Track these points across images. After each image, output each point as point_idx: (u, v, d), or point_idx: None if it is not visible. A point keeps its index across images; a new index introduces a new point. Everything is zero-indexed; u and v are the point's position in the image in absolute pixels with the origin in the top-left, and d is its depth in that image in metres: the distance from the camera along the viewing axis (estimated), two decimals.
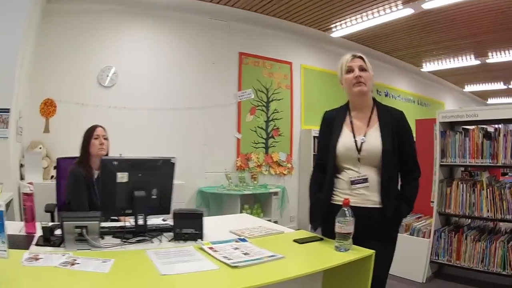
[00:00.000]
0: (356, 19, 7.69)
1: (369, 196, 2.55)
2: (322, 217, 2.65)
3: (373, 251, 2.25)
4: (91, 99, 6.02)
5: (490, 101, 16.57)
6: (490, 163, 4.69)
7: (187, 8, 6.83)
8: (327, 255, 2.26)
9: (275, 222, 7.10)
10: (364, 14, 7.42)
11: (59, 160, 4.08)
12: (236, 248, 2.23)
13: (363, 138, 2.60)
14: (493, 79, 12.84)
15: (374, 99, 2.77)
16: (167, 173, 2.75)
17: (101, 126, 3.70)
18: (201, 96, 7.01)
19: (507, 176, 7.58)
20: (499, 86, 13.61)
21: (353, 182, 2.57)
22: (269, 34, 7.96)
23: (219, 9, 7.04)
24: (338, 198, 2.60)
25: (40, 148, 5.49)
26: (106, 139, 3.66)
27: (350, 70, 2.66)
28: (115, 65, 6.23)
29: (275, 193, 7.12)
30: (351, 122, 2.71)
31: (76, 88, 5.94)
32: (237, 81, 7.48)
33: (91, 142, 3.56)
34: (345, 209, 2.27)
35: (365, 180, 2.56)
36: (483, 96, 15.98)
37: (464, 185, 4.85)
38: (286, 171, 8.01)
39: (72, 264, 1.85)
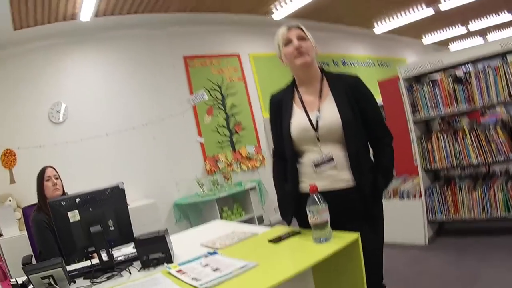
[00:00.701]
0: None
1: (339, 176, 2.35)
2: (293, 209, 2.47)
3: (357, 233, 2.07)
4: (47, 139, 6.04)
5: (452, 47, 16.58)
6: (467, 108, 4.55)
7: (122, 25, 6.79)
8: (307, 251, 2.07)
9: (260, 217, 7.18)
10: None
11: (24, 210, 4.05)
12: (206, 265, 2.10)
13: (317, 114, 2.40)
14: (450, 24, 12.83)
15: (321, 69, 2.56)
16: (119, 200, 2.66)
17: (50, 167, 3.70)
18: (155, 109, 6.98)
19: (486, 115, 7.48)
20: (458, 31, 13.68)
21: (317, 165, 2.37)
22: (210, 31, 7.93)
23: (155, 18, 6.98)
24: (306, 185, 2.40)
25: (10, 200, 5.54)
26: (57, 178, 3.66)
27: (288, 42, 2.46)
28: (64, 100, 6.25)
29: (252, 189, 7.07)
30: (300, 99, 2.51)
31: (30, 131, 5.95)
32: (187, 85, 7.44)
33: (44, 185, 3.57)
34: (314, 196, 2.08)
35: (331, 160, 2.36)
36: (445, 44, 16.03)
37: (445, 136, 4.72)
38: (259, 163, 7.99)
39: None
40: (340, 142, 2.35)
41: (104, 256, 2.46)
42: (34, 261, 3.46)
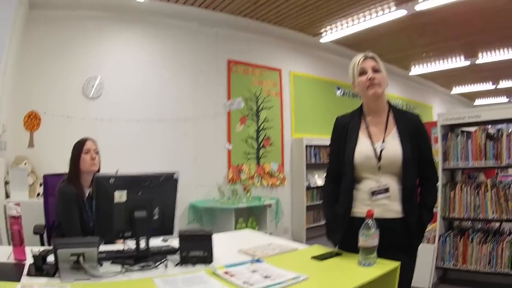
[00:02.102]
0: (347, 22, 7.88)
1: (391, 206, 2.51)
2: (342, 230, 2.58)
3: (398, 262, 2.24)
4: (76, 111, 6.01)
5: (477, 102, 17.03)
6: (493, 164, 4.84)
7: (175, 14, 6.92)
8: (353, 271, 2.19)
9: (270, 234, 7.29)
10: (356, 17, 7.59)
11: (46, 177, 3.90)
12: (254, 271, 2.11)
13: (382, 145, 2.55)
14: (481, 79, 13.22)
15: (389, 102, 2.73)
16: (170, 190, 2.67)
17: (91, 139, 3.50)
18: (190, 106, 7.13)
19: (500, 175, 7.73)
20: (487, 86, 14.04)
21: (374, 193, 2.51)
22: (258, 40, 8.15)
23: (208, 15, 7.15)
24: (359, 210, 2.55)
25: (25, 164, 5.42)
26: (97, 153, 3.47)
27: (363, 72, 2.61)
28: (101, 75, 6.27)
29: (269, 205, 7.27)
30: (367, 128, 2.66)
31: (60, 100, 5.94)
32: (226, 90, 7.63)
33: (81, 157, 3.35)
34: (369, 221, 2.22)
35: (387, 190, 2.51)
36: (470, 97, 16.44)
37: (468, 188, 4.96)
38: (279, 182, 8.19)
39: None
40: (396, 175, 2.52)
41: (142, 244, 2.43)
42: (45, 232, 3.54)
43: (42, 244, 3.47)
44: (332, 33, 8.37)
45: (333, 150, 2.84)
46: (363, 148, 2.59)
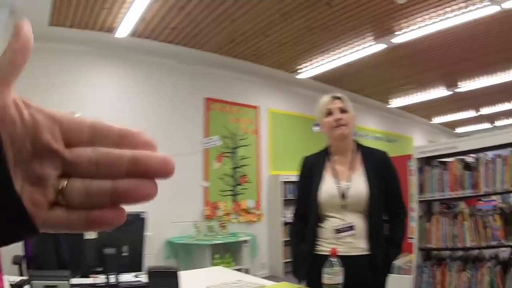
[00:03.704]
0: (323, 59, 8.48)
1: (356, 244, 2.62)
2: (306, 268, 2.71)
3: None
4: None
5: (459, 130, 17.68)
6: (471, 193, 5.06)
7: (154, 51, 7.52)
8: None
9: (247, 270, 7.82)
10: (333, 53, 8.16)
11: None
12: None
13: (347, 184, 2.69)
14: (463, 107, 13.83)
15: (356, 141, 2.90)
16: (138, 228, 2.94)
17: None
18: (167, 144, 7.49)
19: (481, 202, 7.98)
20: (469, 114, 14.70)
21: (338, 231, 2.64)
22: (236, 77, 8.81)
23: (186, 52, 7.74)
24: (323, 248, 2.67)
25: None
26: None
27: (329, 113, 2.77)
28: (81, 111, 6.36)
29: (245, 241, 7.82)
30: (332, 167, 2.80)
31: None
32: (204, 127, 8.22)
33: None
34: (332, 260, 2.27)
35: (351, 228, 2.62)
36: (452, 126, 17.08)
37: (445, 219, 5.21)
38: (255, 218, 8.77)
39: None
40: (362, 212, 2.67)
41: (111, 280, 2.63)
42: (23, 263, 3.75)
43: (21, 274, 3.70)
44: (310, 69, 8.94)
45: (300, 189, 3.05)
46: (327, 187, 2.74)
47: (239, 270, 7.32)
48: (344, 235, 2.64)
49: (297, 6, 6.40)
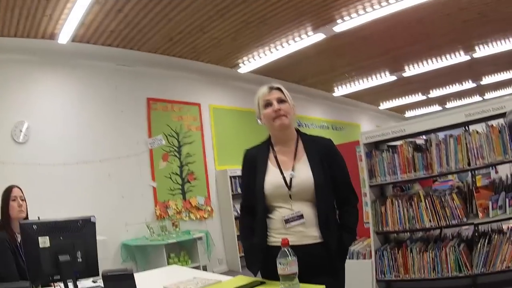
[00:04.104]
0: (264, 52, 9.14)
1: (307, 232, 2.74)
2: (260, 261, 2.82)
3: (323, 286, 2.44)
4: (7, 156, 6.85)
5: (409, 113, 18.79)
6: (424, 174, 5.41)
7: (94, 55, 8.09)
8: None
9: (204, 267, 8.33)
10: (273, 45, 8.84)
11: None
12: None
13: (291, 173, 2.80)
14: (411, 91, 14.88)
15: (297, 130, 3.00)
16: (89, 233, 3.06)
17: (17, 187, 4.02)
18: (112, 147, 8.19)
19: (436, 182, 8.56)
20: (417, 98, 15.72)
21: (287, 221, 2.74)
22: (176, 76, 9.49)
23: (125, 54, 8.39)
24: (274, 239, 2.79)
25: None
26: (23, 200, 3.97)
27: (267, 104, 2.87)
28: (28, 119, 7.21)
29: (199, 238, 8.43)
30: (275, 157, 2.90)
31: None
32: (147, 128, 8.82)
33: (9, 204, 3.86)
34: (285, 249, 2.35)
35: (301, 217, 2.73)
36: (400, 110, 18.18)
37: (399, 201, 5.53)
38: (207, 215, 9.45)
39: None
40: (310, 201, 2.78)
41: (70, 286, 2.81)
42: None
43: None
44: (250, 63, 9.61)
45: (244, 182, 3.16)
46: (272, 177, 2.85)
47: (196, 267, 7.70)
48: (293, 225, 2.76)
49: (233, 1, 6.84)
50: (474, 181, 5.99)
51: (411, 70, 11.88)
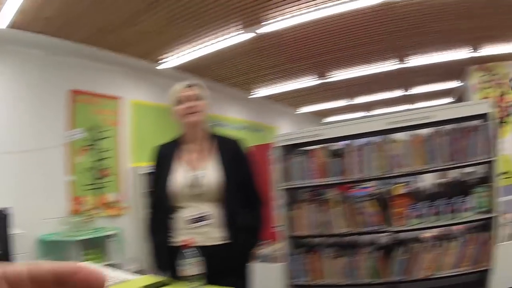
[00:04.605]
0: (188, 48, 9.69)
1: (212, 233, 2.95)
2: (166, 261, 2.97)
3: (229, 287, 2.61)
4: None
5: (330, 119, 19.77)
6: (339, 180, 5.67)
7: (29, 42, 8.45)
8: None
9: (117, 265, 8.68)
10: (197, 42, 9.37)
11: None
12: None
13: (200, 172, 2.99)
14: (334, 96, 15.92)
15: (210, 130, 3.21)
16: (2, 225, 3.26)
17: None
18: (30, 138, 8.57)
19: (355, 189, 8.57)
20: (342, 103, 16.70)
21: (193, 221, 2.94)
22: (102, 69, 10.08)
23: (57, 43, 8.73)
24: (179, 239, 2.94)
25: None
26: None
27: (181, 101, 3.09)
28: None
29: (112, 236, 9.08)
30: (184, 156, 3.11)
31: None
32: (68, 120, 9.33)
33: None
34: (185, 251, 2.50)
35: (207, 217, 2.93)
36: (324, 114, 19.19)
37: (312, 206, 5.84)
38: (119, 212, 10.08)
39: None
40: (217, 201, 2.98)
41: None
42: None
43: None
44: (174, 59, 10.21)
45: (153, 179, 3.31)
46: (180, 176, 3.04)
47: (109, 265, 7.98)
48: (199, 225, 2.95)
49: None
50: (391, 189, 6.41)
51: (336, 76, 12.80)
